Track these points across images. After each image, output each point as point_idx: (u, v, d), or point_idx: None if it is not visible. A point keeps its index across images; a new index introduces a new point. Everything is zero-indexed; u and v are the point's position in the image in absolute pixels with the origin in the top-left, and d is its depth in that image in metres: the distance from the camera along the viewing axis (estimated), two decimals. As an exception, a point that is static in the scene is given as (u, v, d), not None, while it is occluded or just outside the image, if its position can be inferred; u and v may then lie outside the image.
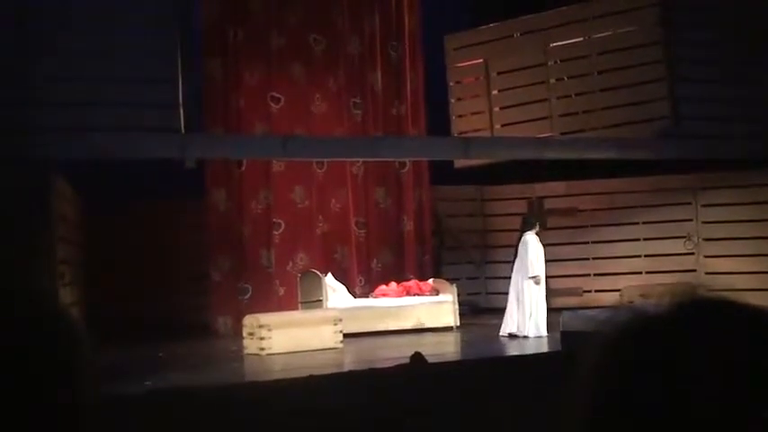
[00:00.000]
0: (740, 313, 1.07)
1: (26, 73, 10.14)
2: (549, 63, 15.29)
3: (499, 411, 7.75)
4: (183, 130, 10.84)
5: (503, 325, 13.02)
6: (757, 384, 1.00)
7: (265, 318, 11.92)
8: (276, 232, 14.82)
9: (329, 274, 14.22)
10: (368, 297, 14.64)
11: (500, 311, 16.27)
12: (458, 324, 13.98)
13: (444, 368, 9.63)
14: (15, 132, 9.94)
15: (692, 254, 15.79)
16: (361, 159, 15.16)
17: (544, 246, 13.29)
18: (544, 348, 11.81)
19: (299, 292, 14.06)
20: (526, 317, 12.75)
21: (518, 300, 12.89)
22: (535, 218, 13.96)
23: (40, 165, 10.20)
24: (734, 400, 1.00)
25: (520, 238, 13.12)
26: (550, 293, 16.24)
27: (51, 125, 10.21)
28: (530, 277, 12.81)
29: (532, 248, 12.93)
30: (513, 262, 13.13)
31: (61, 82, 10.31)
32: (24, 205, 9.84)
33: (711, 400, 1.00)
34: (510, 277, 13.21)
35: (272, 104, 14.83)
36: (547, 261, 13.18)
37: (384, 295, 14.47)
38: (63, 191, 12.02)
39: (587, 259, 16.33)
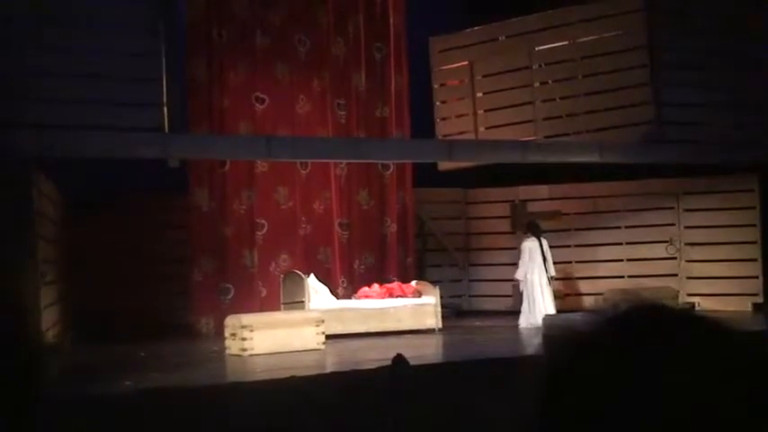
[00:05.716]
0: (674, 319, 1.09)
1: (8, 70, 10.08)
2: (534, 66, 15.31)
3: (480, 413, 7.75)
4: (166, 130, 10.80)
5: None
6: (692, 388, 1.03)
7: (247, 318, 11.90)
8: (259, 233, 14.79)
9: (312, 276, 14.20)
10: (350, 298, 14.63)
11: (482, 314, 16.37)
12: (440, 326, 13.98)
13: (426, 370, 9.63)
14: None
15: (675, 258, 15.84)
16: (344, 161, 15.14)
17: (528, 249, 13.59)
18: (526, 351, 11.82)
19: (282, 293, 14.04)
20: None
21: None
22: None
23: (21, 162, 10.14)
24: (668, 403, 1.02)
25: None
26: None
27: (33, 123, 10.15)
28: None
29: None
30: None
31: (44, 79, 10.26)
32: (5, 203, 9.77)
33: (645, 403, 1.02)
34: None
35: (257, 105, 14.80)
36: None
37: (366, 297, 14.45)
38: (44, 188, 11.96)
39: (570, 263, 16.35)
